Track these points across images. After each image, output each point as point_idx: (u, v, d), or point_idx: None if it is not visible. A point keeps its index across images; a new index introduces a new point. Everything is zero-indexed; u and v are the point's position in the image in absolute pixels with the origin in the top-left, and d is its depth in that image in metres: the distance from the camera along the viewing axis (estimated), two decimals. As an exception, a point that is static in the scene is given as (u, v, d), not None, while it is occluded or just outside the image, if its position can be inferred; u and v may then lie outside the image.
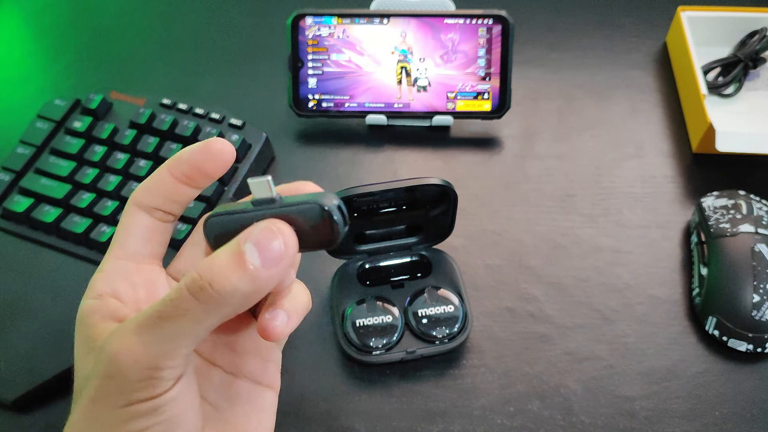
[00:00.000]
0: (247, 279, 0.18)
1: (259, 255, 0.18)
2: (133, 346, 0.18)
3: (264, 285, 0.19)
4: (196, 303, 0.18)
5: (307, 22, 0.45)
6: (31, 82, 0.52)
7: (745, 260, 0.37)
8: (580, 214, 0.43)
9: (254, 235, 0.19)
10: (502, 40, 0.45)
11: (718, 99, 0.48)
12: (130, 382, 0.18)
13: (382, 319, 0.36)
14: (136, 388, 0.18)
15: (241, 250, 0.18)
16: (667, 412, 0.35)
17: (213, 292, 0.18)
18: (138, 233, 0.22)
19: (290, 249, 0.19)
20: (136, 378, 0.18)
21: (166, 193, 0.22)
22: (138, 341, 0.18)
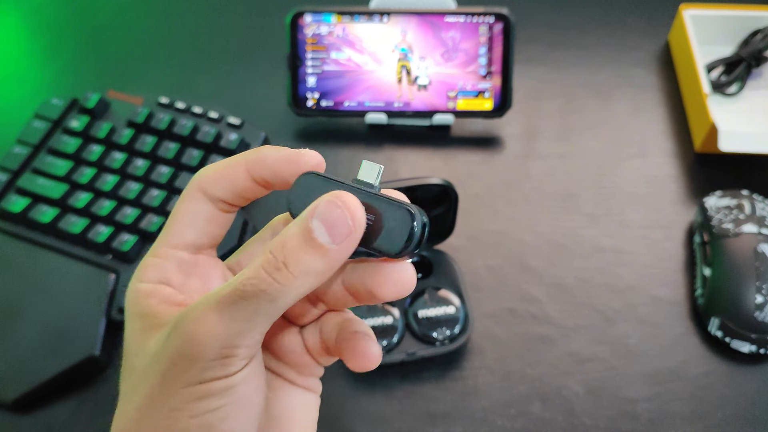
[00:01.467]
0: (319, 256, 0.18)
1: (326, 231, 0.18)
2: (213, 324, 0.18)
3: (336, 260, 0.18)
4: (274, 283, 0.18)
5: (307, 20, 0.45)
6: (28, 80, 0.52)
7: (748, 261, 0.36)
8: (582, 214, 0.43)
9: (320, 211, 0.18)
10: (504, 38, 0.44)
11: (720, 98, 0.48)
12: (205, 360, 0.18)
13: (382, 320, 0.36)
14: (210, 366, 0.18)
15: (309, 227, 0.18)
16: (670, 414, 0.35)
17: (287, 272, 0.18)
18: (198, 223, 0.21)
19: (358, 221, 0.18)
20: (213, 356, 0.18)
21: (237, 189, 0.21)
22: (218, 319, 0.18)
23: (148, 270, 0.21)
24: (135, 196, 0.40)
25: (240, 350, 0.18)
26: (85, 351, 0.36)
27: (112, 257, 0.39)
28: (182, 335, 0.18)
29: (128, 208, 0.40)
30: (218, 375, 0.18)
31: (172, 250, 0.21)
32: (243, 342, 0.18)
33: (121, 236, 0.39)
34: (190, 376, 0.18)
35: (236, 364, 0.19)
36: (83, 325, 0.37)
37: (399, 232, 0.19)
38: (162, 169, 0.42)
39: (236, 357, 0.18)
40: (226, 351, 0.18)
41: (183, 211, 0.21)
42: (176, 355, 0.18)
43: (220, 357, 0.18)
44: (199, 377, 0.18)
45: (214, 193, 0.21)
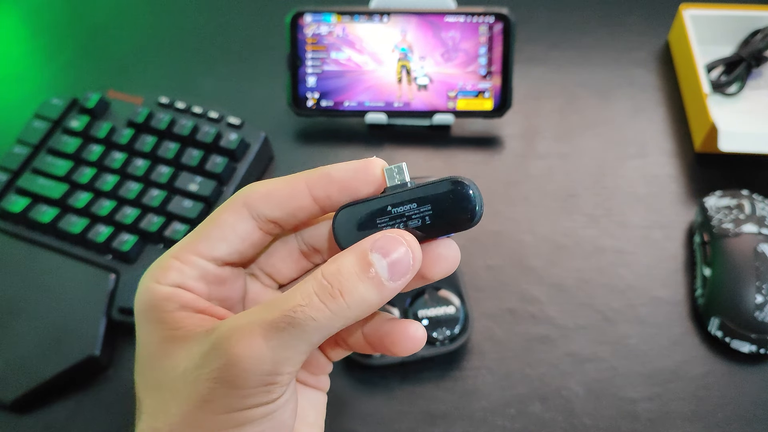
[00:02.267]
0: (375, 290, 0.18)
1: (387, 267, 0.18)
2: (259, 351, 0.17)
3: (389, 295, 0.18)
4: (326, 311, 0.17)
5: (307, 20, 0.45)
6: (28, 80, 0.52)
7: (748, 261, 0.36)
8: (582, 214, 0.43)
9: (381, 245, 0.18)
10: (504, 38, 0.44)
11: (721, 98, 0.48)
12: (249, 388, 0.17)
13: None
14: (253, 393, 0.18)
15: (368, 260, 0.18)
16: (670, 414, 0.35)
17: (342, 302, 0.17)
18: (233, 239, 0.19)
19: (417, 261, 0.18)
20: (256, 384, 0.17)
21: (293, 209, 0.19)
22: (264, 345, 0.17)
23: (168, 272, 0.19)
24: (135, 196, 0.40)
25: (283, 377, 0.18)
26: (85, 351, 0.36)
27: (112, 257, 0.39)
28: (225, 359, 0.17)
29: (128, 208, 0.40)
30: (261, 402, 0.18)
31: (197, 258, 0.20)
32: (287, 369, 0.18)
33: (121, 236, 0.39)
34: (231, 402, 0.18)
35: (278, 390, 0.18)
36: (83, 325, 0.37)
37: (464, 201, 0.19)
38: (162, 169, 0.42)
39: (278, 384, 0.18)
40: (269, 378, 0.18)
41: (220, 223, 0.20)
42: (217, 379, 0.18)
43: (264, 384, 0.18)
44: (241, 404, 0.18)
45: (262, 211, 0.19)
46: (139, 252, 0.39)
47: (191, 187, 0.41)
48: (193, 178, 0.41)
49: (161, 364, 0.19)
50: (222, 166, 0.41)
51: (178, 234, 0.39)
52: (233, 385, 0.17)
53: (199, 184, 0.41)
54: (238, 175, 0.42)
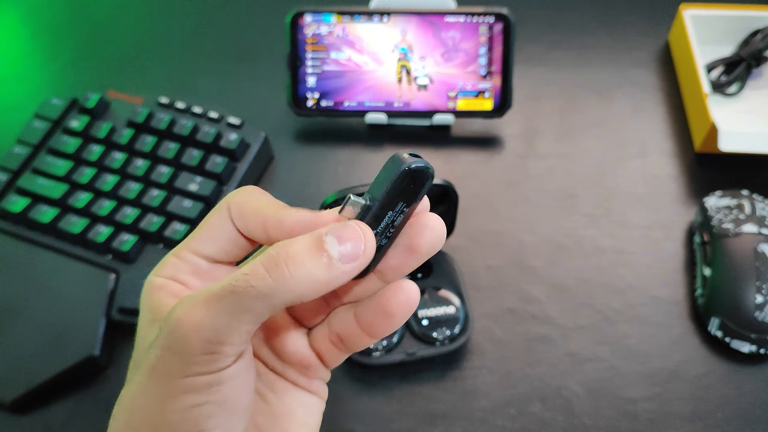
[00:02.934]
0: (322, 267, 0.18)
1: (338, 246, 0.18)
2: (199, 316, 0.18)
3: (336, 278, 0.18)
4: (268, 279, 0.18)
5: (307, 20, 0.45)
6: (28, 81, 0.52)
7: (748, 261, 0.36)
8: (581, 214, 0.43)
9: (336, 227, 0.19)
10: (504, 38, 0.44)
11: (721, 98, 0.48)
12: (190, 354, 0.18)
13: None
14: (196, 360, 0.18)
15: (321, 239, 0.18)
16: (670, 414, 0.35)
17: (286, 271, 0.18)
18: (220, 240, 0.21)
19: (368, 250, 0.19)
20: (198, 350, 0.18)
21: (251, 232, 0.21)
22: (204, 311, 0.18)
23: (166, 267, 0.21)
24: (135, 196, 0.40)
25: (225, 347, 0.18)
26: (85, 351, 0.36)
27: (112, 257, 0.39)
28: (170, 326, 0.18)
29: (128, 208, 0.40)
30: (203, 370, 0.18)
31: (191, 255, 0.21)
32: (229, 338, 0.18)
33: (121, 236, 0.39)
34: (176, 368, 0.18)
35: (222, 360, 0.18)
36: (83, 325, 0.36)
37: (420, 175, 0.20)
38: (162, 169, 0.42)
39: (221, 353, 0.18)
40: (211, 346, 0.18)
41: (210, 224, 0.21)
42: (165, 347, 0.19)
43: (205, 352, 0.18)
44: (185, 371, 0.18)
45: (235, 221, 0.21)
46: (138, 252, 0.39)
47: (191, 187, 0.41)
48: (193, 178, 0.41)
49: (142, 342, 0.20)
50: (222, 166, 0.41)
51: (178, 234, 0.39)
52: (175, 351, 0.18)
53: (199, 184, 0.41)
54: (238, 175, 0.42)
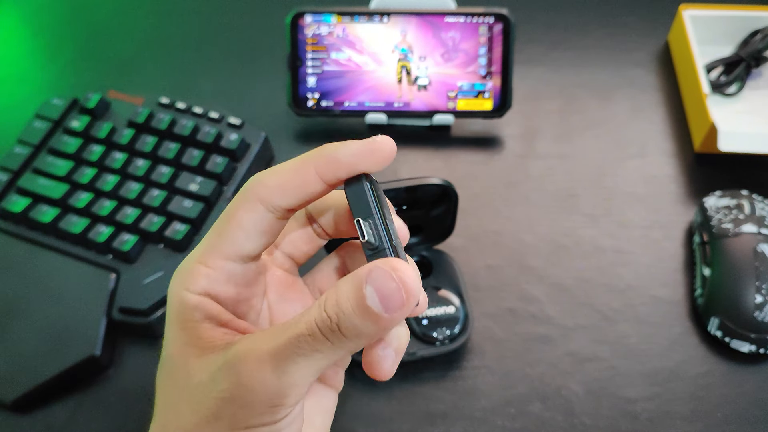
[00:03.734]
0: (371, 323, 0.18)
1: (379, 300, 0.18)
2: (267, 376, 0.18)
3: (387, 326, 0.19)
4: (327, 343, 0.18)
5: (307, 21, 0.45)
6: (28, 81, 0.52)
7: (747, 261, 0.36)
8: (581, 214, 0.43)
9: (374, 278, 0.18)
10: (503, 38, 0.44)
11: (720, 98, 0.48)
12: (255, 409, 0.19)
13: None
14: (260, 413, 0.19)
15: (362, 294, 0.18)
16: (669, 414, 0.35)
17: (341, 336, 0.18)
18: (254, 234, 0.20)
19: (412, 293, 0.18)
20: (264, 405, 0.19)
21: (307, 195, 0.20)
22: (272, 372, 0.18)
23: (198, 279, 0.20)
24: (135, 196, 0.40)
25: (290, 399, 0.19)
26: (86, 351, 0.36)
27: (113, 257, 0.39)
28: (235, 380, 0.19)
29: (129, 208, 0.40)
30: (266, 421, 0.19)
31: (223, 261, 0.20)
32: (293, 392, 0.19)
33: (122, 236, 0.39)
34: (237, 420, 0.19)
35: (284, 411, 0.19)
36: (84, 325, 0.37)
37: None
38: (162, 169, 0.42)
39: (285, 406, 0.19)
40: (276, 401, 0.19)
41: (239, 221, 0.20)
42: (227, 398, 0.19)
43: (271, 406, 0.19)
44: (248, 422, 0.19)
45: (278, 204, 0.20)
46: (139, 252, 0.39)
47: (192, 187, 0.41)
48: (193, 178, 0.41)
49: (179, 371, 0.20)
50: (222, 166, 0.42)
51: (178, 234, 0.39)
52: (241, 405, 0.19)
53: (200, 184, 0.41)
54: (239, 175, 0.42)
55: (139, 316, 0.37)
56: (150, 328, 0.37)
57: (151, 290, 0.37)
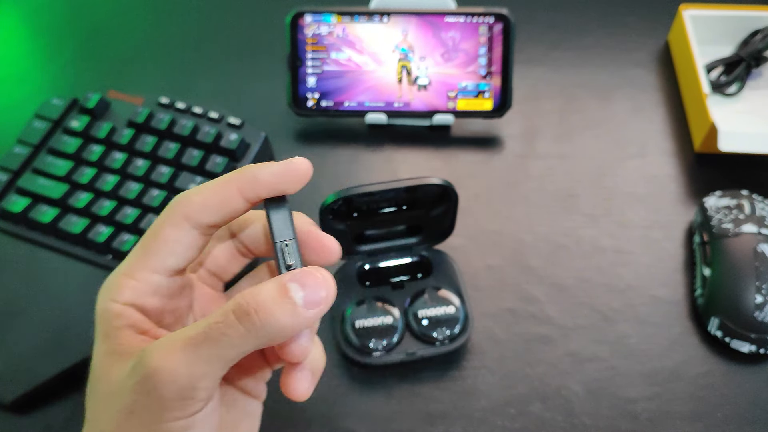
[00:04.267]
0: (288, 314, 0.19)
1: (302, 293, 0.19)
2: (175, 365, 0.19)
3: (302, 322, 0.19)
4: (240, 328, 0.19)
5: (307, 21, 0.45)
6: (28, 81, 0.52)
7: (747, 261, 0.36)
8: (581, 214, 0.43)
9: (298, 275, 0.20)
10: (503, 38, 0.44)
11: (720, 98, 0.48)
12: (166, 400, 0.19)
13: (382, 320, 0.36)
14: (171, 407, 0.19)
15: (285, 285, 0.19)
16: (670, 414, 0.35)
17: (256, 320, 0.19)
18: (180, 250, 0.21)
19: (330, 296, 0.20)
20: (173, 397, 0.19)
21: (229, 212, 0.21)
22: (180, 360, 0.19)
23: (123, 291, 0.21)
24: (135, 196, 0.40)
25: (200, 392, 0.19)
26: (85, 351, 0.36)
27: (113, 257, 0.39)
28: (145, 372, 0.19)
29: (128, 208, 0.40)
30: (178, 416, 0.19)
31: (149, 274, 0.21)
32: (203, 384, 0.19)
33: (122, 236, 0.39)
34: (152, 415, 0.19)
35: (195, 405, 0.19)
36: (83, 325, 0.36)
37: None
38: (162, 169, 0.42)
39: (195, 399, 0.19)
40: (186, 392, 0.19)
41: (164, 237, 0.21)
42: (138, 393, 0.19)
43: (180, 398, 0.19)
44: (161, 416, 0.19)
45: (201, 221, 0.21)
46: (139, 252, 0.39)
47: (191, 187, 0.41)
48: (193, 178, 0.41)
49: (102, 378, 0.21)
50: (222, 166, 0.42)
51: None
52: (152, 396, 0.19)
53: (200, 184, 0.41)
54: (238, 175, 0.43)
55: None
56: (150, 328, 0.37)
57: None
